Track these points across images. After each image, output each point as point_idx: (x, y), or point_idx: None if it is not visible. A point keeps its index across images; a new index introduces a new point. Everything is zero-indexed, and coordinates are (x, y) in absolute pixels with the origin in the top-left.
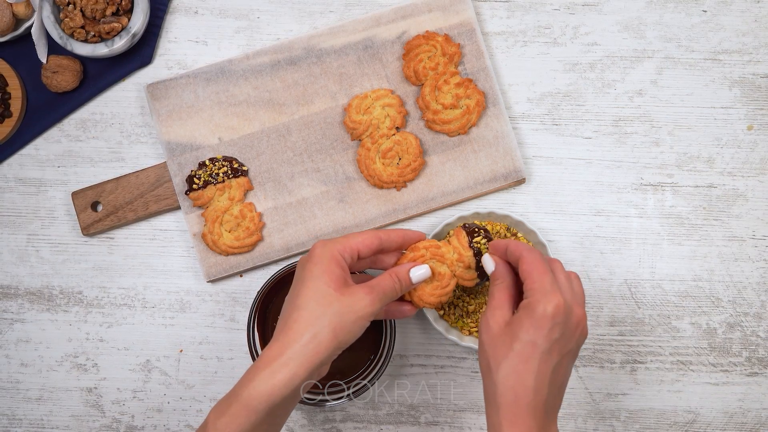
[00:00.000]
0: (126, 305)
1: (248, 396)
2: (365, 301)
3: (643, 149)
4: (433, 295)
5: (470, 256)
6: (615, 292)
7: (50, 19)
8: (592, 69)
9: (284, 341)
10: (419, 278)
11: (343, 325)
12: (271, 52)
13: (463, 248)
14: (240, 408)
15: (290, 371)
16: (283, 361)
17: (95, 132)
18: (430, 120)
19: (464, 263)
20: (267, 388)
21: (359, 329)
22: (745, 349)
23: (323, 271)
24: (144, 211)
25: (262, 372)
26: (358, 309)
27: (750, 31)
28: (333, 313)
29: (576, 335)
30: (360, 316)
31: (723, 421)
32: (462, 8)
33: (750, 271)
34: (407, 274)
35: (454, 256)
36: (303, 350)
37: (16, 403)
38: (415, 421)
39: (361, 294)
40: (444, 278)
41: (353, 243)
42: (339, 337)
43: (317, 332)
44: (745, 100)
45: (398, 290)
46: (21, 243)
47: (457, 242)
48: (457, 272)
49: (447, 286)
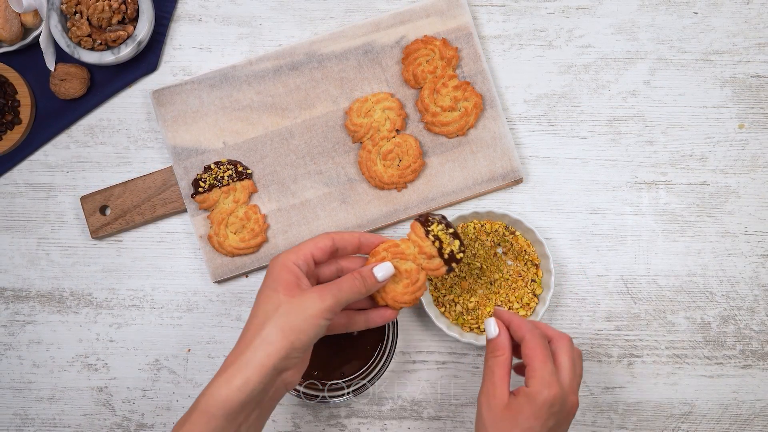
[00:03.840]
0: (135, 306)
1: (205, 404)
2: (314, 299)
3: (638, 148)
4: (406, 293)
5: (430, 246)
6: (611, 288)
7: (58, 28)
8: (587, 71)
9: (239, 349)
10: (384, 275)
11: (292, 325)
12: (273, 57)
13: (422, 240)
14: (198, 416)
15: (244, 376)
16: (237, 367)
17: (103, 138)
18: (429, 122)
19: (426, 254)
20: (223, 395)
21: (313, 328)
22: (739, 342)
23: (273, 280)
24: (151, 214)
25: (219, 379)
26: (307, 308)
27: (740, 32)
28: (280, 315)
29: (569, 420)
30: (311, 314)
31: (718, 413)
32: (459, 13)
33: (743, 266)
34: (371, 272)
35: (415, 250)
36: (254, 355)
37: (28, 402)
38: (417, 416)
39: (311, 294)
40: (412, 274)
41: (305, 248)
42: (290, 338)
43: (266, 335)
44: (736, 100)
45: (362, 288)
46: (32, 247)
47: (414, 236)
48: (423, 265)
49: (417, 281)
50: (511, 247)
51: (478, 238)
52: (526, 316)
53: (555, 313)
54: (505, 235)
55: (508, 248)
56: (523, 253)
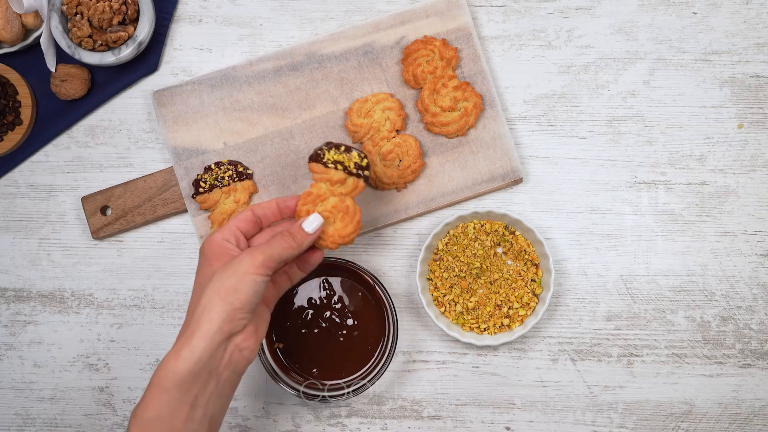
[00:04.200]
0: (136, 306)
1: (157, 378)
2: (245, 258)
3: (637, 148)
4: (347, 225)
5: (335, 172)
6: (611, 287)
7: (58, 29)
8: (586, 71)
9: (185, 322)
10: (314, 227)
11: (227, 286)
12: (273, 58)
13: (324, 173)
14: (152, 391)
15: (191, 345)
16: (183, 339)
17: (104, 138)
18: (429, 122)
19: (338, 182)
20: (171, 367)
21: (249, 284)
22: (738, 342)
23: (205, 258)
24: (152, 214)
25: (168, 354)
26: (239, 267)
27: (739, 32)
28: (215, 281)
29: None
30: (243, 272)
31: (718, 412)
32: (459, 13)
33: (742, 266)
34: (299, 227)
35: (327, 186)
36: (197, 324)
37: (30, 402)
38: (418, 416)
39: (242, 255)
40: (340, 206)
41: (229, 224)
42: (228, 299)
43: (205, 303)
44: (735, 99)
45: (293, 244)
46: (33, 247)
47: (317, 174)
48: (343, 193)
49: (348, 209)
50: (511, 246)
51: (478, 238)
52: (526, 315)
53: (555, 313)
54: (505, 235)
55: (508, 248)
56: (522, 253)
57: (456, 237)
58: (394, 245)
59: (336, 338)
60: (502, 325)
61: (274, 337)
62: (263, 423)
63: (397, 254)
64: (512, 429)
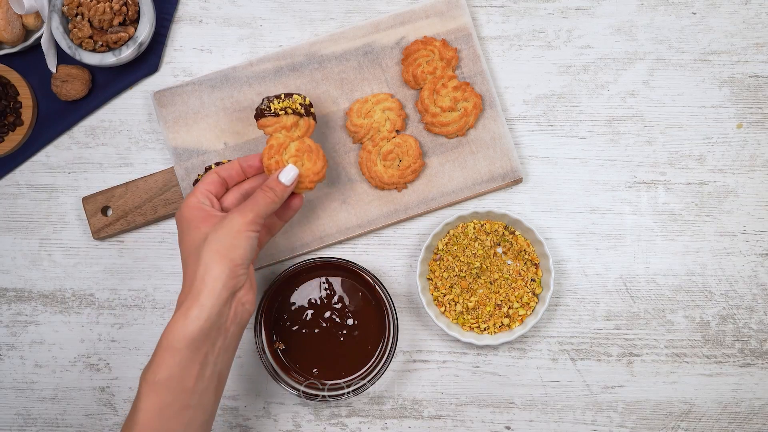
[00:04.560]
0: (136, 306)
1: (167, 340)
2: (236, 217)
3: (636, 148)
4: (316, 163)
5: (286, 118)
6: (611, 287)
7: (59, 29)
8: (586, 71)
9: (186, 286)
10: (290, 177)
11: (225, 244)
12: (273, 58)
13: (276, 122)
14: (163, 352)
15: (199, 304)
16: (190, 300)
17: (104, 139)
18: (429, 123)
19: (294, 125)
20: (181, 327)
21: (244, 240)
22: (738, 341)
23: (188, 223)
24: (153, 214)
25: (175, 317)
26: (232, 226)
27: (738, 32)
28: (210, 242)
29: None
30: (237, 230)
31: (717, 411)
32: (458, 14)
33: (741, 265)
34: (276, 180)
35: (283, 134)
36: (202, 284)
37: (31, 402)
38: (418, 415)
39: (231, 214)
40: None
41: (200, 188)
42: (228, 256)
43: (206, 263)
44: (735, 99)
45: (275, 198)
46: (34, 247)
47: (270, 128)
48: (300, 135)
49: (310, 147)
50: (511, 246)
51: (478, 238)
52: (526, 315)
53: (555, 312)
54: (505, 235)
55: (508, 248)
56: (522, 253)
57: (456, 237)
58: (394, 245)
59: (336, 338)
60: (502, 324)
61: (275, 337)
62: (264, 423)
63: (397, 254)
64: (512, 428)
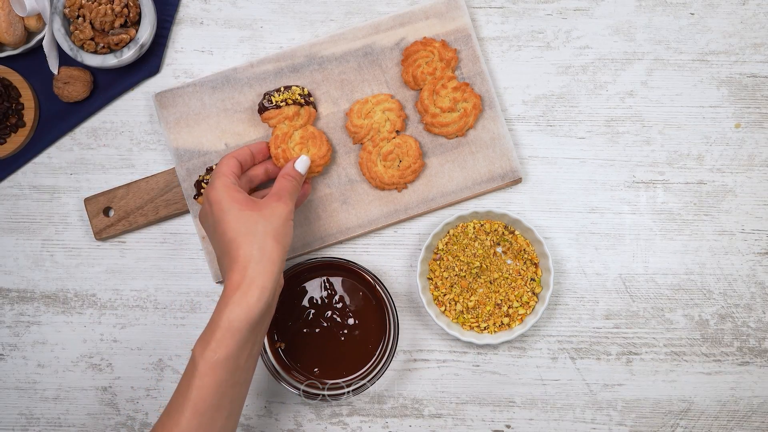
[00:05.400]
0: (138, 306)
1: (228, 321)
2: (280, 206)
3: (635, 148)
4: (321, 149)
5: (288, 109)
6: (610, 286)
7: (61, 31)
8: (585, 71)
9: (240, 267)
10: (303, 166)
11: (278, 231)
12: (274, 60)
13: (279, 114)
14: (223, 333)
15: (259, 286)
16: (248, 282)
17: (106, 140)
18: (428, 123)
19: (296, 115)
20: (244, 309)
21: (290, 229)
22: (737, 340)
23: (230, 203)
24: (154, 215)
25: (234, 297)
26: (279, 213)
27: (736, 32)
28: (264, 225)
29: None
30: (285, 219)
31: (716, 409)
32: (458, 15)
33: (740, 264)
34: (294, 169)
35: (286, 124)
36: (259, 266)
37: (33, 402)
38: (419, 414)
39: (273, 202)
40: (307, 135)
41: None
42: (281, 242)
43: (262, 246)
44: (733, 99)
45: (298, 185)
46: (36, 248)
47: (274, 120)
48: (303, 124)
49: (314, 134)
50: (511, 246)
51: (478, 238)
52: (526, 314)
53: (554, 312)
54: (505, 235)
55: (508, 247)
56: (522, 252)
57: (456, 237)
58: (395, 245)
59: (337, 337)
60: (501, 323)
61: (276, 337)
62: (265, 422)
63: (397, 254)
64: (512, 427)
